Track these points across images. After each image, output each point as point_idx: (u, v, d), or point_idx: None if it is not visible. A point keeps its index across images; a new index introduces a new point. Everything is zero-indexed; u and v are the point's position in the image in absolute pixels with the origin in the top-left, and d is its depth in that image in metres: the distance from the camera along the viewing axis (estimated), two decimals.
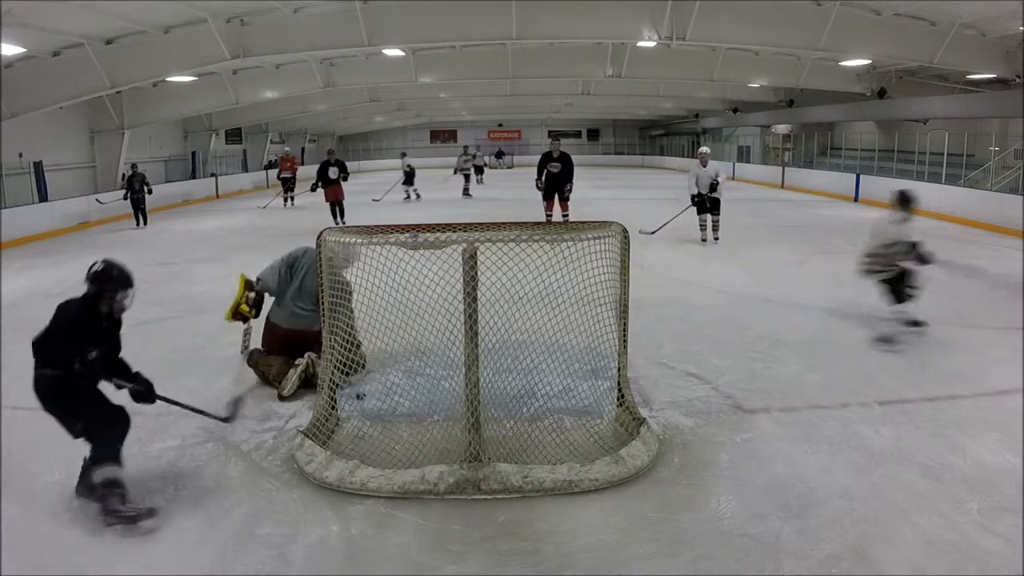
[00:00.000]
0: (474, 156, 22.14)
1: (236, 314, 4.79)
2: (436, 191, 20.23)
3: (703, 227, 10.81)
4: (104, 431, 3.16)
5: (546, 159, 11.30)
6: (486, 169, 23.37)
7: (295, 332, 4.63)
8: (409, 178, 18.72)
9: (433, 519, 3.07)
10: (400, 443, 3.68)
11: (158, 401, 3.38)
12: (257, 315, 4.85)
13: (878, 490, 3.25)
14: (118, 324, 3.33)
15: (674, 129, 36.55)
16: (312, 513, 3.13)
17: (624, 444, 3.58)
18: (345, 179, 13.27)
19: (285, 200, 17.75)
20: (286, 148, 21.72)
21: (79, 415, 3.13)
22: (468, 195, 19.45)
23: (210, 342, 4.48)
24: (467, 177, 20.33)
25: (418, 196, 18.62)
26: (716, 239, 10.68)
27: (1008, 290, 7.27)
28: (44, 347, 3.08)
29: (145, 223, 13.99)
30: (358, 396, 4.37)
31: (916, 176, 15.84)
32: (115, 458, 3.18)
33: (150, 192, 14.02)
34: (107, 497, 3.08)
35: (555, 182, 11.27)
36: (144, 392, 3.30)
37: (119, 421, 3.21)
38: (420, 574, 2.72)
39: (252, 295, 4.77)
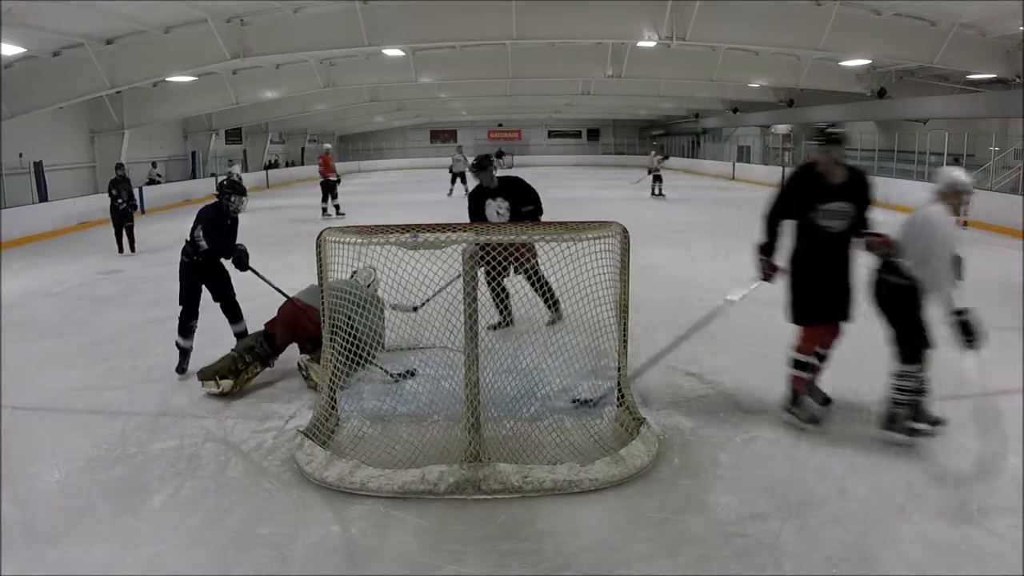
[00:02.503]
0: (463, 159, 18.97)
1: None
2: (436, 192, 20.21)
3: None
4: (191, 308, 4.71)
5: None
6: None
7: (300, 311, 4.73)
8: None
9: (433, 519, 3.06)
10: (400, 443, 3.68)
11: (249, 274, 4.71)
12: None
13: (878, 490, 3.25)
14: (236, 222, 4.90)
15: (674, 129, 36.57)
16: (312, 513, 3.13)
17: (624, 444, 3.58)
18: (537, 214, 5.88)
19: (325, 210, 14.78)
20: (326, 145, 16.97)
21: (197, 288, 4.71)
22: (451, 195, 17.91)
23: (210, 341, 4.49)
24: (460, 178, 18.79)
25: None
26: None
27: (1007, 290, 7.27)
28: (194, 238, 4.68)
29: (132, 248, 10.57)
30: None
31: (916, 176, 15.85)
32: (189, 333, 4.71)
33: (134, 207, 10.86)
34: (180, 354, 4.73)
35: None
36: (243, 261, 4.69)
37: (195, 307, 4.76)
38: (420, 574, 2.72)
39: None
